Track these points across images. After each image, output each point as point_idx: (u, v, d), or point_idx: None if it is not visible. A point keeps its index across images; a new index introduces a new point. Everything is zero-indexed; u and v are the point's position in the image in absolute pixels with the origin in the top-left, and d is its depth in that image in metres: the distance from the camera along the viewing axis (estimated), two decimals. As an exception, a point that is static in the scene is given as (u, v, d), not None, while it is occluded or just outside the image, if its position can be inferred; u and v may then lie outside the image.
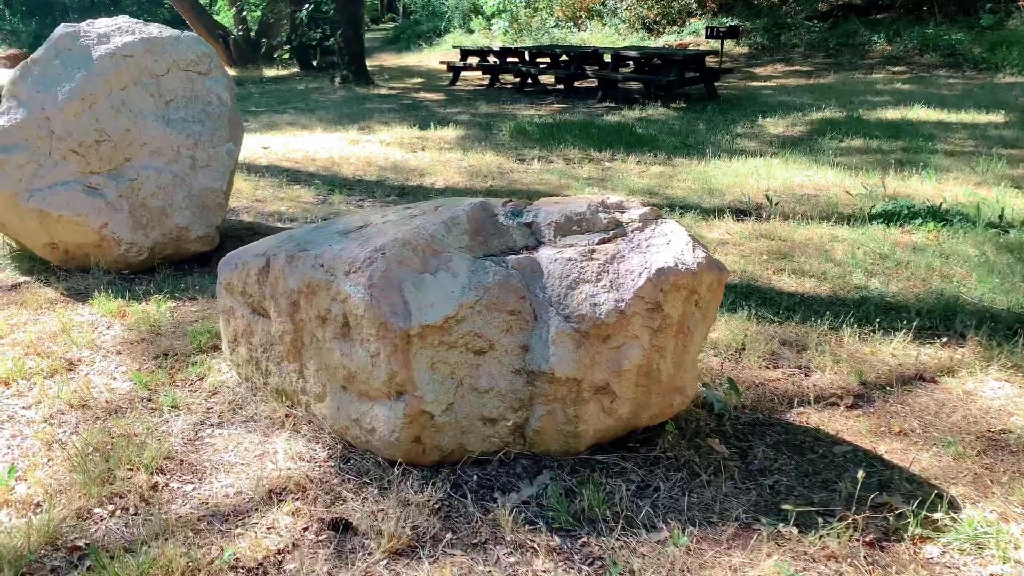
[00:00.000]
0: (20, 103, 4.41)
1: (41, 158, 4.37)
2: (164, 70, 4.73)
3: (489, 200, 2.76)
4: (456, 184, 7.32)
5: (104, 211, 4.43)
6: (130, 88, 4.64)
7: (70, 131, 4.41)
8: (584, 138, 9.42)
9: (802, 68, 16.87)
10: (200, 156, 4.74)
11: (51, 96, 4.43)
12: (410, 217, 2.66)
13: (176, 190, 4.64)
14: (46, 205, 4.35)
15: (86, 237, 4.45)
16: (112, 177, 4.51)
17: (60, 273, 4.63)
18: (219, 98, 4.86)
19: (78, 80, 4.47)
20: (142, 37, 4.69)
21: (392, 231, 2.56)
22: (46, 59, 4.51)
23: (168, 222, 4.61)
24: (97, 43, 4.64)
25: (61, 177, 4.41)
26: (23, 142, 4.36)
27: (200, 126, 4.76)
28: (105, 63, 4.55)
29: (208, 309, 4.10)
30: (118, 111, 4.57)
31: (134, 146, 4.58)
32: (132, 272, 4.60)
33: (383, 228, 2.62)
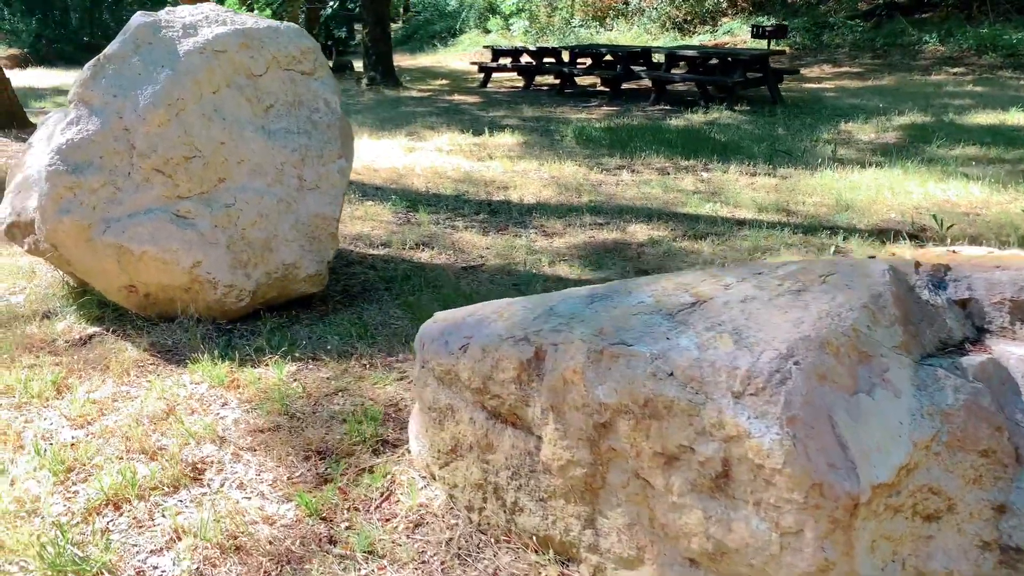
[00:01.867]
0: (92, 110, 3.47)
1: (119, 179, 3.44)
2: (262, 69, 3.80)
3: (896, 263, 1.84)
4: (547, 199, 6.42)
5: (197, 245, 3.50)
6: (223, 91, 3.70)
7: (154, 145, 3.48)
8: (660, 144, 8.63)
9: (851, 69, 16.05)
10: (308, 176, 3.81)
11: (130, 101, 3.49)
12: (791, 294, 1.75)
13: (281, 218, 3.70)
14: (126, 239, 3.41)
15: (174, 278, 3.51)
16: (205, 203, 3.57)
17: (138, 321, 3.69)
18: (326, 103, 3.93)
19: (163, 81, 3.54)
20: (236, 28, 3.76)
21: (779, 320, 1.64)
22: (123, 55, 3.57)
23: (272, 258, 3.68)
24: (183, 35, 3.70)
25: (144, 203, 3.47)
26: (97, 160, 3.42)
27: (307, 138, 3.83)
28: (194, 60, 3.62)
29: (343, 376, 3.18)
30: (210, 120, 3.64)
31: (230, 163, 3.64)
32: (229, 321, 3.66)
33: (751, 311, 1.70)
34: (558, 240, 5.33)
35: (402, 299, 4.07)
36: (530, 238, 5.32)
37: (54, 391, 3.03)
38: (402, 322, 3.79)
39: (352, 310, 3.93)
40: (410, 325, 3.72)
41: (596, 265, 4.69)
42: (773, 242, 5.07)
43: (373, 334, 3.61)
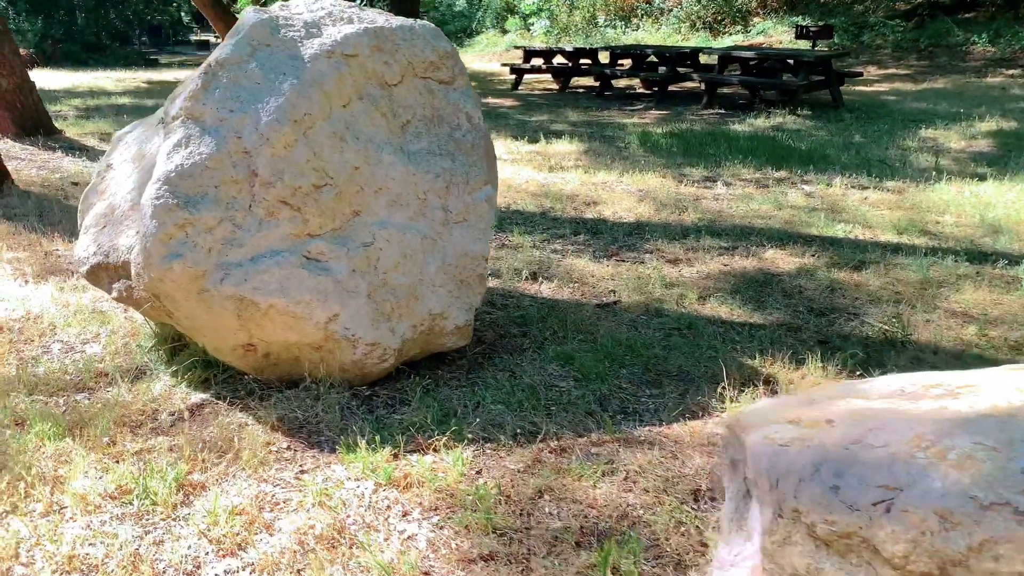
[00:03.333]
0: (204, 129, 2.79)
1: (239, 215, 2.75)
2: (397, 77, 3.12)
3: None
4: (647, 217, 5.78)
5: (333, 295, 2.82)
6: (354, 104, 3.02)
7: (279, 172, 2.80)
8: (736, 152, 8.04)
9: (899, 71, 15.43)
10: (454, 206, 3.13)
11: (250, 118, 2.81)
12: None
13: (427, 259, 3.03)
14: (250, 289, 2.73)
15: (305, 335, 2.83)
16: (339, 241, 2.89)
17: (252, 385, 3.01)
18: (468, 119, 3.26)
19: (287, 93, 2.85)
20: (366, 27, 3.08)
21: None
22: (238, 60, 2.89)
23: (418, 308, 3.00)
24: (305, 36, 3.02)
25: (268, 244, 2.78)
26: (212, 190, 2.73)
27: (450, 161, 3.16)
28: (321, 67, 2.94)
29: (536, 466, 2.52)
30: (342, 140, 2.96)
31: (366, 193, 2.96)
32: (365, 385, 2.98)
33: None
34: (687, 269, 4.66)
35: (552, 349, 3.41)
36: (653, 266, 4.66)
37: (179, 493, 2.34)
38: (567, 383, 3.12)
39: (499, 365, 3.26)
40: (579, 388, 3.06)
41: (755, 303, 4.02)
42: (943, 274, 4.41)
43: (544, 402, 2.93)
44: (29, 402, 2.96)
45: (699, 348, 3.45)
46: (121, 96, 12.98)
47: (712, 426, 2.80)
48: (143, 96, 13.26)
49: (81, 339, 3.60)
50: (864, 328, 3.70)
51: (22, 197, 5.85)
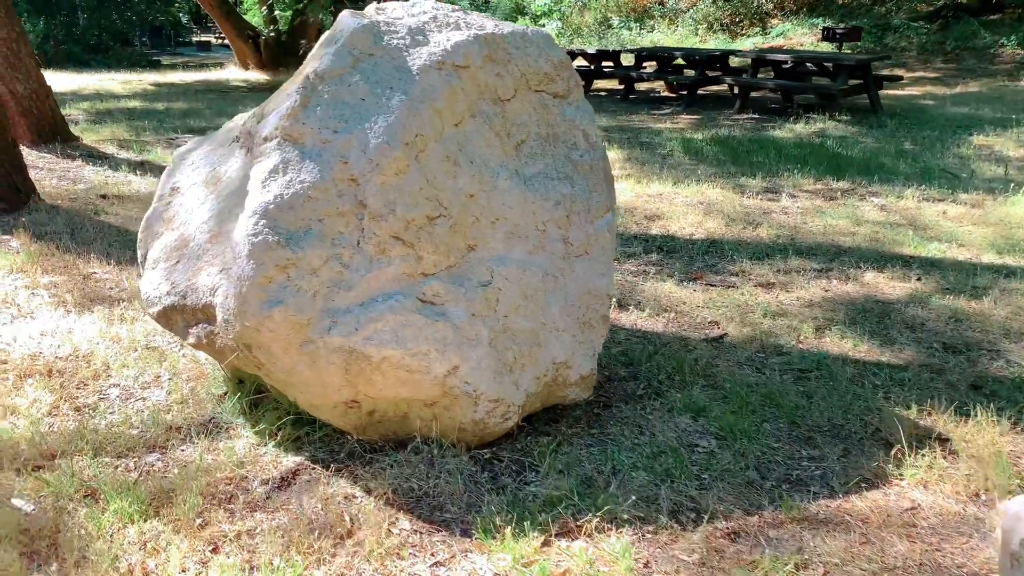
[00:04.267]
0: (304, 152, 2.39)
1: (346, 253, 2.35)
2: (510, 91, 2.73)
3: None
4: (718, 233, 5.40)
5: (452, 345, 2.42)
6: (467, 123, 2.63)
7: (391, 202, 2.40)
8: (788, 161, 7.74)
9: (927, 74, 15.09)
10: (575, 238, 2.74)
11: (357, 140, 2.41)
12: None
13: (549, 299, 2.63)
14: (361, 341, 2.33)
15: (419, 391, 2.43)
16: (455, 281, 2.49)
17: (353, 446, 2.61)
18: (585, 137, 2.86)
19: (396, 110, 2.45)
20: (476, 34, 2.68)
21: None
22: (339, 72, 2.49)
23: (541, 356, 2.61)
24: (411, 44, 2.62)
25: (379, 286, 2.39)
26: (315, 225, 2.33)
27: (569, 186, 2.76)
28: (431, 80, 2.54)
29: (713, 556, 2.12)
30: (455, 164, 2.56)
31: (481, 224, 2.57)
32: (483, 446, 2.58)
33: None
34: (784, 294, 4.27)
35: (675, 397, 3.03)
36: (747, 291, 4.28)
37: (300, 594, 1.95)
38: (707, 441, 2.74)
39: (621, 418, 2.88)
40: (723, 448, 2.68)
41: (880, 337, 3.64)
42: (1070, 300, 4.02)
43: (691, 467, 2.54)
44: (96, 466, 2.56)
45: (841, 395, 3.06)
46: (130, 99, 12.55)
47: (896, 498, 2.40)
48: (152, 99, 12.83)
49: (140, 383, 3.20)
50: (1013, 369, 3.31)
51: (51, 212, 5.44)
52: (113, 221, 5.45)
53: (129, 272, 4.48)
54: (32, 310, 3.94)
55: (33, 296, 4.10)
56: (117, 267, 4.57)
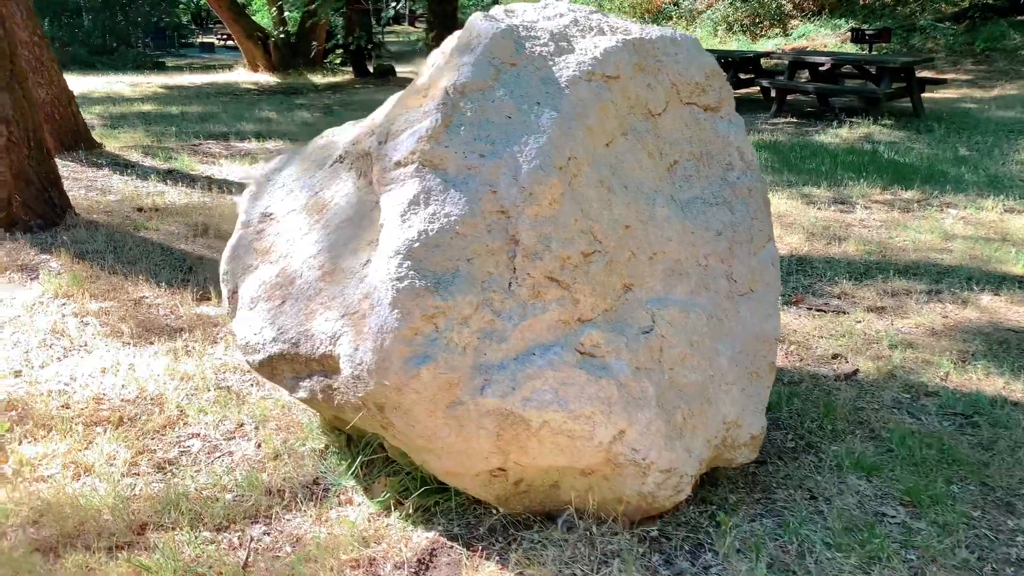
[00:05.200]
0: (447, 180, 2.02)
1: (496, 297, 1.98)
2: (661, 104, 2.36)
3: None
4: (804, 249, 5.07)
5: (618, 405, 2.05)
6: (618, 142, 2.26)
7: (546, 237, 2.03)
8: (844, 168, 7.47)
9: (959, 76, 14.75)
10: (739, 273, 2.38)
11: (506, 165, 2.04)
12: None
13: (715, 347, 2.27)
14: (519, 402, 1.96)
15: (577, 459, 2.06)
16: (614, 327, 2.12)
17: (492, 518, 2.24)
18: (740, 156, 2.50)
19: (547, 129, 2.09)
20: (623, 39, 2.32)
21: None
22: (482, 85, 2.12)
23: (711, 415, 2.24)
24: (555, 52, 2.26)
25: (534, 336, 2.02)
26: (464, 265, 1.96)
27: (728, 213, 2.40)
28: (582, 93, 2.18)
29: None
30: (609, 190, 2.19)
31: (639, 260, 2.20)
32: (645, 520, 2.21)
33: None
34: (899, 320, 3.92)
35: (834, 451, 2.68)
36: (859, 318, 3.92)
37: None
38: (894, 509, 2.39)
39: (784, 479, 2.54)
40: (915, 518, 2.33)
41: (1030, 374, 3.27)
42: None
43: (892, 545, 2.17)
44: (197, 543, 2.18)
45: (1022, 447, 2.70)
46: (142, 103, 12.16)
47: None
48: (164, 102, 12.44)
49: (223, 433, 2.83)
50: None
51: (89, 228, 5.06)
52: (155, 237, 5.08)
53: (182, 296, 4.11)
54: (85, 341, 3.57)
55: (84, 325, 3.73)
56: (168, 291, 4.20)
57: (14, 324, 3.69)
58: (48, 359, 3.39)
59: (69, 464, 2.60)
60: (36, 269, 4.39)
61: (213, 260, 4.70)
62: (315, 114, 11.89)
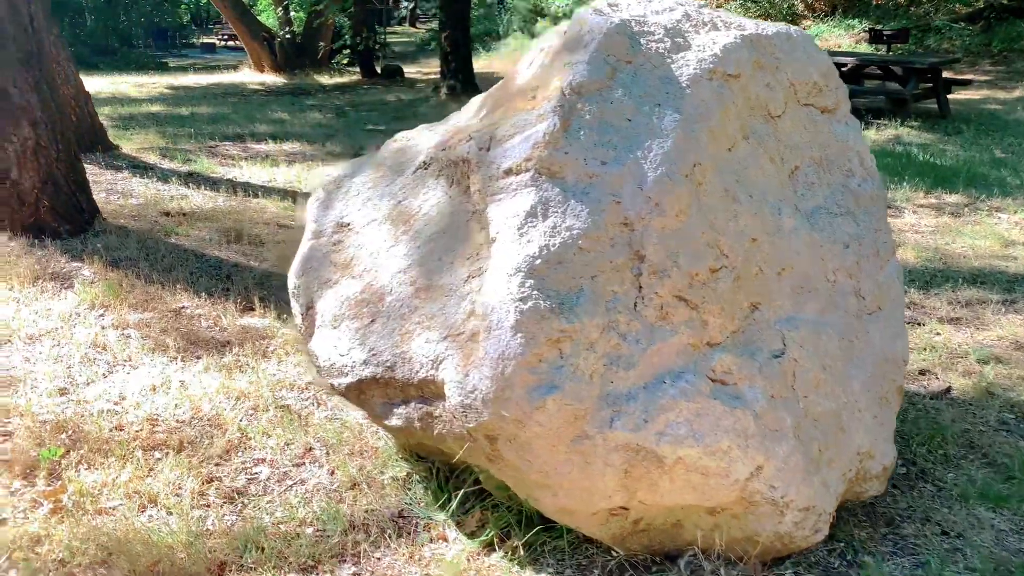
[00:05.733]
0: (567, 190, 1.83)
1: (622, 319, 1.79)
2: (780, 106, 2.18)
3: None
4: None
5: (755, 438, 1.86)
6: (739, 146, 2.07)
7: (673, 252, 1.84)
8: (880, 171, 7.14)
9: (978, 77, 14.59)
10: (866, 289, 2.19)
11: (630, 172, 1.85)
12: None
13: (847, 370, 2.08)
14: (652, 436, 1.77)
15: (709, 497, 1.87)
16: (744, 351, 1.93)
17: (606, 559, 2.04)
18: (860, 161, 2.32)
19: (670, 133, 1.90)
20: (741, 35, 2.13)
21: None
22: (598, 85, 1.94)
23: (846, 445, 2.06)
24: (671, 48, 2.06)
25: (663, 361, 1.83)
26: (587, 283, 1.77)
27: (853, 223, 2.22)
28: (703, 93, 1.99)
29: None
30: (734, 199, 2.01)
31: (765, 276, 2.01)
32: (777, 561, 2.01)
33: None
34: (981, 333, 3.75)
35: (952, 479, 2.48)
36: (935, 329, 3.75)
37: None
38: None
39: (906, 511, 2.37)
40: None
41: None
42: None
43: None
44: (284, 587, 1.98)
45: None
46: (150, 104, 11.94)
47: None
48: (172, 103, 12.22)
49: (290, 458, 2.63)
50: None
51: (119, 234, 4.86)
52: (186, 243, 4.88)
53: (224, 307, 3.91)
54: (129, 356, 3.37)
55: (125, 338, 3.53)
56: (208, 301, 4.00)
57: (53, 337, 3.49)
58: (93, 375, 3.18)
59: (132, 494, 2.40)
60: (69, 278, 4.19)
61: (249, 267, 4.51)
62: (327, 115, 11.70)
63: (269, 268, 4.50)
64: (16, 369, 3.20)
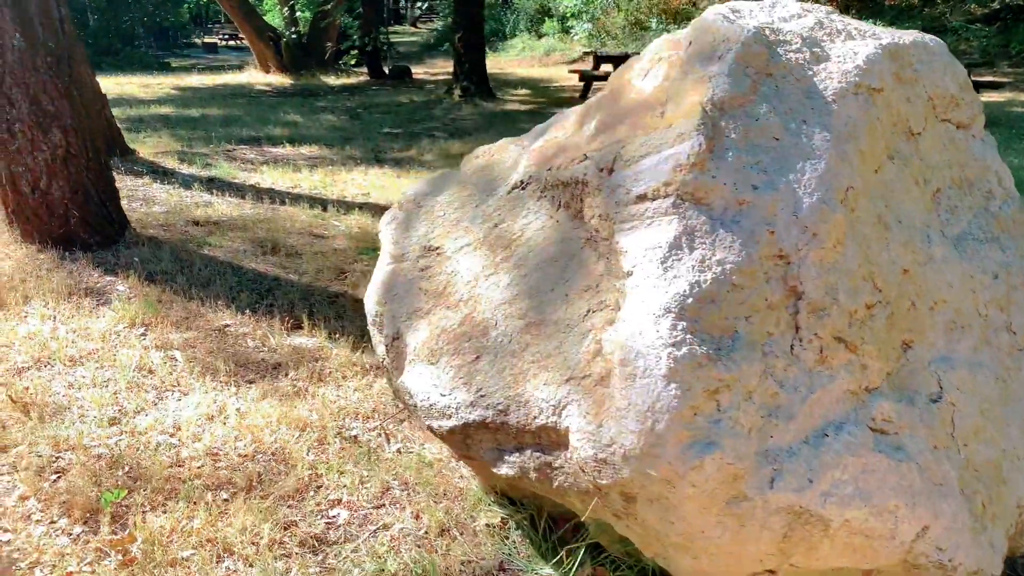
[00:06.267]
0: (715, 219, 1.64)
1: (779, 364, 1.59)
2: (921, 122, 1.99)
3: None
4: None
5: (920, 494, 1.67)
6: (885, 167, 1.88)
7: (832, 287, 1.64)
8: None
9: (997, 79, 14.42)
10: (1018, 323, 1.99)
11: (783, 198, 1.66)
12: None
13: (1004, 413, 1.88)
14: (816, 498, 1.58)
15: (869, 560, 1.68)
16: (901, 396, 1.75)
17: None
18: (999, 181, 2.13)
19: (822, 154, 1.71)
20: (879, 44, 1.93)
21: None
22: (741, 100, 1.75)
23: (1008, 497, 1.88)
24: (811, 59, 1.86)
25: (823, 411, 1.63)
26: (742, 325, 1.58)
27: (999, 250, 2.03)
28: (850, 109, 1.79)
29: None
30: (885, 226, 1.83)
31: (918, 311, 1.82)
32: None
33: None
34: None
35: None
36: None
37: None
38: None
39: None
40: None
41: None
42: None
43: None
44: (390, 658, 1.78)
45: None
46: (159, 105, 11.73)
47: None
48: (181, 105, 12.01)
49: (368, 498, 2.42)
50: None
51: (151, 246, 4.64)
52: (220, 255, 4.67)
53: (270, 324, 3.71)
54: (177, 380, 3.16)
55: (171, 360, 3.32)
56: (252, 318, 3.80)
57: (95, 359, 3.28)
58: (142, 403, 2.98)
59: (205, 543, 2.19)
60: (104, 293, 3.98)
61: (290, 281, 4.30)
62: (340, 117, 11.49)
63: (310, 282, 4.30)
64: (60, 395, 2.99)
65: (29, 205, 4.21)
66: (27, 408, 2.84)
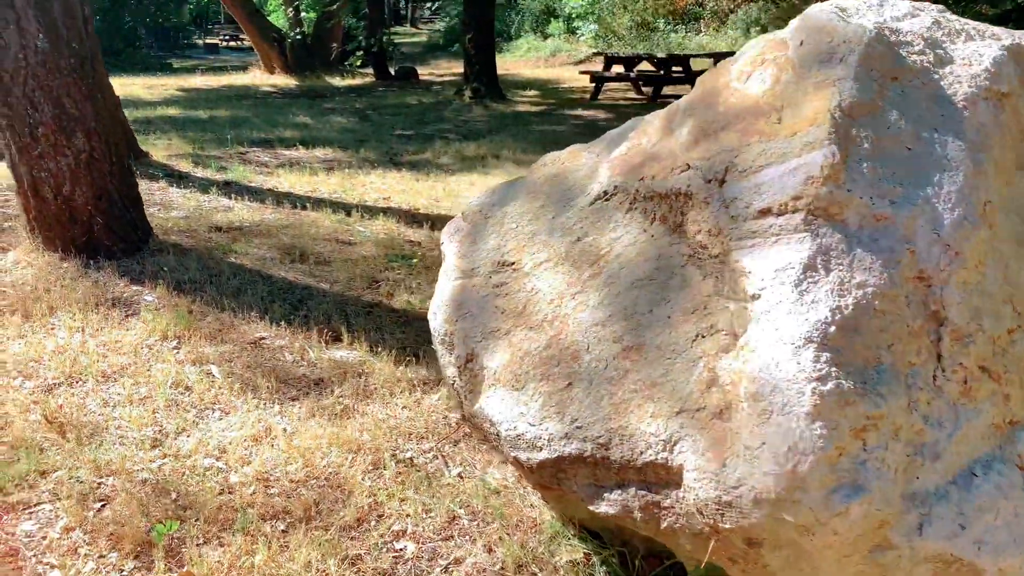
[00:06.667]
0: (850, 237, 1.50)
1: (923, 398, 1.44)
2: (1045, 129, 1.81)
3: None
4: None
5: (1073, 537, 1.49)
6: (1015, 178, 1.72)
7: (976, 311, 1.49)
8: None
9: (1011, 82, 14.25)
10: None
11: (922, 213, 1.50)
12: None
13: None
14: (967, 545, 1.43)
15: (1015, 609, 1.50)
16: (1044, 429, 1.57)
17: None
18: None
19: (958, 165, 1.56)
20: (1001, 45, 1.78)
21: None
22: (870, 107, 1.62)
23: None
24: (936, 63, 1.71)
25: (970, 448, 1.50)
26: (884, 354, 1.41)
27: None
28: (981, 116, 1.65)
29: None
30: (1020, 242, 1.65)
31: (1054, 335, 1.65)
32: None
33: None
34: None
35: None
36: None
37: None
38: None
39: None
40: None
41: None
42: None
43: None
44: None
45: None
46: (165, 107, 11.56)
47: None
48: (187, 106, 11.84)
49: (435, 529, 2.26)
50: None
51: (176, 254, 4.48)
52: (248, 263, 4.51)
53: (307, 337, 3.55)
54: (216, 397, 3.00)
55: (208, 376, 3.16)
56: (288, 329, 3.64)
57: (129, 375, 3.12)
58: (183, 423, 2.82)
59: (267, 582, 2.03)
60: (131, 303, 3.82)
61: (322, 290, 4.15)
62: (350, 119, 11.34)
63: (343, 291, 4.14)
64: (96, 414, 2.83)
65: (51, 211, 4.05)
66: (63, 429, 2.68)
